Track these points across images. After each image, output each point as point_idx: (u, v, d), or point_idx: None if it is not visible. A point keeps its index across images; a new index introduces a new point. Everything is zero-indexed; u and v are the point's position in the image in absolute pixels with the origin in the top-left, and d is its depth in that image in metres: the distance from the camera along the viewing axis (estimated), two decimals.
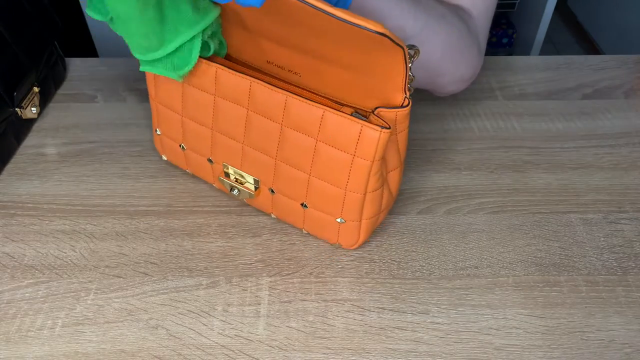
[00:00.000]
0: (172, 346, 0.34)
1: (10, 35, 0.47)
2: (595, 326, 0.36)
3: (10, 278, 0.38)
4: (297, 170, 0.36)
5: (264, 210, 0.41)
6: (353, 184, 0.34)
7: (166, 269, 0.39)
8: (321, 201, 0.36)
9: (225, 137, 0.38)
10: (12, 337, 0.35)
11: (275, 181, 0.38)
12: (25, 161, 0.48)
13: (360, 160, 0.33)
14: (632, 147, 0.49)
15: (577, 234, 0.42)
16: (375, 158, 0.33)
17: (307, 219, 0.39)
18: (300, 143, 0.35)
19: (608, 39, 1.63)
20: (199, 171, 0.43)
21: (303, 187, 0.36)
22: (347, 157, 0.34)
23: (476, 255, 0.40)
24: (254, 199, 0.40)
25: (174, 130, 0.41)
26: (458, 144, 0.49)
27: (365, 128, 0.32)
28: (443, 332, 0.35)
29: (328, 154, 0.34)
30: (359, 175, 0.34)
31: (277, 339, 0.35)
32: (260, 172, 0.38)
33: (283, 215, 0.40)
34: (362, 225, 0.37)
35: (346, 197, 0.35)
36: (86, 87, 0.55)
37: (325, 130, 0.34)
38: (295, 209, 0.38)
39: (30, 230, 0.42)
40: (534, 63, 0.59)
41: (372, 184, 0.35)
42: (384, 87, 0.33)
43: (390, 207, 0.41)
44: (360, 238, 0.38)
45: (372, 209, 0.37)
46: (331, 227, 0.38)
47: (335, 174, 0.35)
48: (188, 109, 0.39)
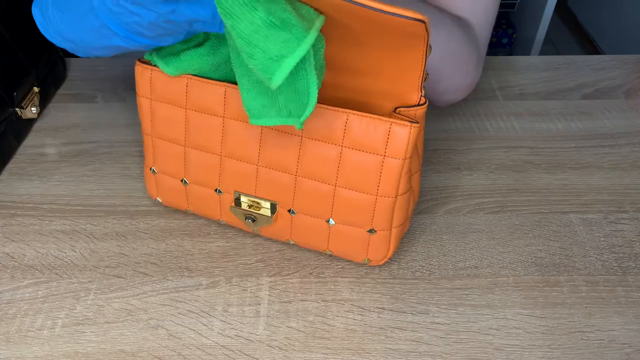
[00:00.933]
0: (172, 346, 0.34)
1: (10, 35, 0.47)
2: (595, 326, 0.36)
3: (10, 278, 0.38)
4: (321, 183, 0.34)
5: (280, 238, 0.39)
6: (385, 187, 0.33)
7: (166, 269, 0.39)
8: (349, 213, 0.35)
9: (236, 162, 0.36)
10: (12, 337, 0.35)
11: (295, 200, 0.35)
12: (25, 161, 0.48)
13: (392, 160, 0.32)
14: (632, 147, 0.49)
15: (577, 234, 0.42)
16: (407, 155, 0.32)
17: (332, 237, 0.37)
18: (323, 153, 0.33)
19: (608, 39, 1.63)
20: (203, 208, 0.39)
21: (328, 201, 0.35)
22: (377, 158, 0.32)
23: (476, 255, 0.40)
24: (271, 226, 0.38)
25: (174, 165, 0.38)
26: (458, 144, 0.49)
27: (394, 125, 0.31)
28: (443, 332, 0.35)
29: (355, 159, 0.33)
30: (390, 177, 0.33)
31: (277, 339, 0.35)
32: (278, 193, 0.36)
33: (304, 239, 0.38)
34: (392, 234, 0.36)
35: (377, 203, 0.34)
36: (86, 87, 0.55)
37: (351, 135, 0.32)
38: (318, 229, 0.36)
39: (30, 230, 0.42)
40: (534, 63, 0.59)
41: (403, 185, 0.33)
42: (399, 88, 0.32)
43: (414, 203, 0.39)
44: (390, 249, 0.37)
45: (401, 214, 0.35)
46: (360, 241, 0.36)
47: (364, 180, 0.33)
48: (192, 137, 0.36)
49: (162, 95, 0.36)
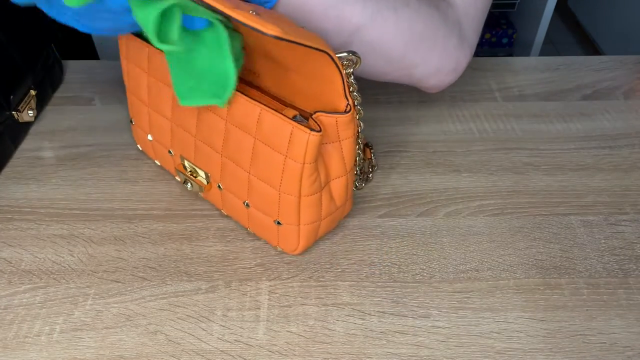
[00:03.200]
0: (171, 352, 0.34)
1: (6, 38, 0.47)
2: (597, 329, 0.35)
3: (7, 283, 0.38)
4: (239, 168, 0.36)
5: (216, 205, 0.41)
6: (286, 185, 0.34)
7: (165, 274, 0.39)
8: (260, 201, 0.36)
9: (181, 130, 0.39)
10: (9, 344, 0.35)
11: (222, 178, 0.38)
12: (22, 165, 0.47)
13: (291, 161, 0.33)
14: (632, 149, 0.49)
15: (578, 236, 0.41)
16: (305, 160, 0.33)
17: (250, 219, 0.39)
18: (242, 140, 0.35)
19: (608, 39, 1.63)
20: (164, 162, 0.44)
21: (245, 185, 0.37)
22: (280, 157, 0.34)
23: (477, 258, 0.40)
24: (207, 194, 0.41)
25: (143, 121, 0.43)
26: (457, 146, 0.49)
27: (295, 129, 0.32)
28: (444, 336, 0.35)
29: (264, 153, 0.34)
30: (291, 177, 0.34)
31: (277, 343, 0.35)
32: (210, 167, 0.38)
33: (231, 213, 0.40)
34: (300, 230, 0.37)
35: (281, 198, 0.35)
36: (83, 89, 0.55)
37: (262, 129, 0.34)
38: (240, 208, 0.39)
39: (27, 235, 0.41)
40: (533, 64, 0.59)
41: (306, 187, 0.34)
42: (325, 93, 0.33)
43: (340, 218, 0.40)
44: (300, 244, 0.38)
45: (309, 214, 0.36)
46: (271, 229, 0.38)
47: (270, 174, 0.35)
48: (152, 100, 0.40)
49: (133, 59, 0.40)
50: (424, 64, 0.41)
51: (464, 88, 0.56)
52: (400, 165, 0.47)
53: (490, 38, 1.58)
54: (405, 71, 0.41)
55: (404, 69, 0.41)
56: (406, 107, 0.53)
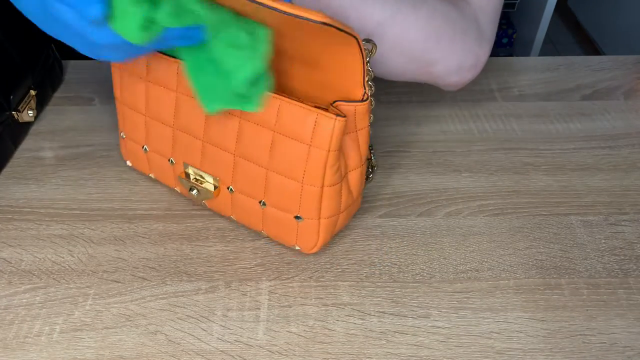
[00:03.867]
0: (171, 352, 0.34)
1: (6, 38, 0.47)
2: (597, 329, 0.35)
3: (7, 284, 0.38)
4: (255, 165, 0.36)
5: (223, 213, 0.40)
6: (310, 176, 0.34)
7: (165, 274, 0.39)
8: (279, 197, 0.36)
9: (185, 135, 0.38)
10: (9, 344, 0.35)
11: (234, 179, 0.37)
12: (22, 165, 0.47)
13: (316, 150, 0.33)
14: (632, 148, 0.49)
15: (578, 236, 0.41)
16: (331, 147, 0.33)
17: (266, 219, 0.38)
18: (258, 136, 0.35)
19: (608, 39, 1.63)
20: (161, 174, 0.42)
21: (261, 183, 0.36)
22: (304, 147, 0.33)
23: (477, 258, 0.40)
24: (214, 200, 0.40)
25: (138, 132, 0.41)
26: (457, 146, 0.49)
27: (320, 116, 0.32)
28: (444, 336, 0.35)
29: (285, 145, 0.34)
30: (315, 167, 0.34)
31: (277, 344, 0.35)
32: (219, 170, 0.38)
33: (242, 217, 0.39)
34: (320, 224, 0.36)
35: (303, 191, 0.35)
36: (83, 89, 0.55)
37: (282, 122, 0.33)
38: (253, 209, 0.38)
39: (27, 235, 0.41)
40: (533, 64, 0.59)
41: (329, 177, 0.34)
42: (343, 82, 0.33)
43: (353, 212, 0.40)
44: (319, 240, 0.37)
45: (330, 206, 0.36)
46: (289, 226, 0.37)
47: (292, 167, 0.34)
48: (151, 108, 0.39)
49: (128, 67, 0.39)
50: (444, 61, 0.41)
51: (464, 88, 0.56)
52: (400, 165, 0.47)
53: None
54: (425, 69, 0.41)
55: (424, 67, 0.41)
56: (406, 107, 0.53)
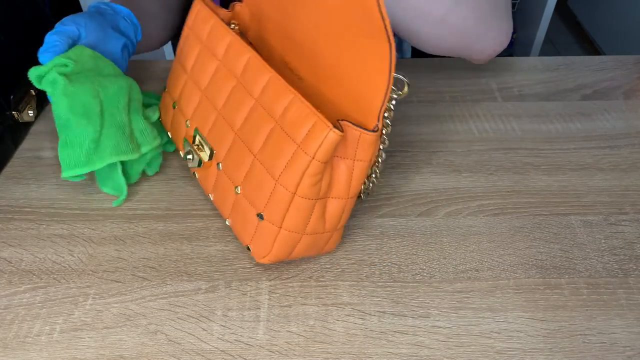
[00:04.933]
0: (171, 351, 0.34)
1: (6, 38, 0.47)
2: (597, 329, 0.35)
3: (7, 283, 0.38)
4: (247, 150, 0.36)
5: (205, 190, 0.41)
6: (286, 176, 0.33)
7: (165, 274, 0.39)
8: (253, 188, 0.35)
9: (208, 103, 0.39)
10: (9, 344, 0.35)
11: (226, 157, 0.38)
12: (22, 165, 0.47)
13: (302, 152, 0.32)
14: (632, 148, 0.49)
15: (578, 236, 0.41)
16: (316, 156, 0.32)
17: (234, 208, 0.37)
18: (262, 123, 0.35)
19: (608, 39, 1.63)
20: (175, 134, 0.44)
21: (245, 169, 0.36)
22: (292, 146, 0.33)
23: (477, 258, 0.40)
24: (202, 172, 0.40)
25: (176, 89, 0.44)
26: (457, 146, 0.49)
27: (319, 122, 0.32)
28: (444, 336, 0.35)
29: (279, 139, 0.34)
30: (294, 169, 0.33)
31: (277, 343, 0.35)
32: (219, 144, 0.38)
33: (218, 199, 0.39)
34: (279, 234, 0.35)
35: (275, 189, 0.34)
36: None
37: (287, 116, 0.33)
38: (229, 193, 0.38)
39: (27, 235, 0.41)
40: (533, 64, 0.59)
41: (304, 186, 0.33)
42: (359, 104, 0.33)
43: (322, 248, 0.38)
44: (272, 250, 0.35)
45: (295, 218, 0.34)
46: (250, 223, 0.36)
47: (275, 162, 0.34)
48: (195, 70, 0.41)
49: (195, 28, 0.42)
50: (485, 36, 0.42)
51: (464, 88, 0.56)
52: (400, 165, 0.47)
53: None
54: (471, 45, 0.42)
55: (471, 43, 0.42)
56: (406, 107, 0.53)
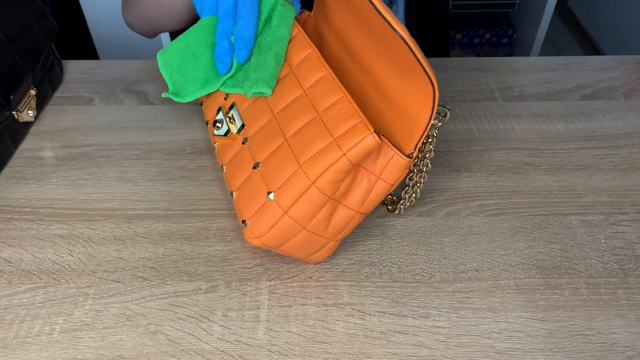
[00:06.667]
0: (171, 352, 0.34)
1: (7, 38, 0.47)
2: (597, 329, 0.35)
3: (7, 283, 0.38)
4: (280, 132, 0.36)
5: (220, 158, 0.40)
6: (311, 165, 0.33)
7: (165, 274, 0.39)
8: (272, 167, 0.35)
9: None
10: (9, 344, 0.35)
11: (256, 134, 0.38)
12: (22, 165, 0.47)
13: (335, 147, 0.32)
14: (632, 148, 0.49)
15: (578, 236, 0.41)
16: (348, 154, 0.32)
17: (246, 182, 0.37)
18: (303, 112, 0.35)
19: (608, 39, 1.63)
20: (211, 101, 0.43)
21: (270, 148, 0.36)
22: (328, 139, 0.33)
23: (477, 258, 0.40)
24: (225, 140, 0.40)
25: None
26: (457, 146, 0.49)
27: (361, 124, 0.32)
28: (444, 336, 0.35)
29: (316, 129, 0.34)
30: (321, 160, 0.33)
31: (277, 343, 0.35)
32: (254, 119, 0.38)
33: (230, 171, 0.39)
34: (282, 219, 0.34)
35: (295, 173, 0.34)
36: (83, 89, 0.55)
37: (331, 111, 0.34)
38: (245, 167, 0.37)
39: (27, 235, 0.41)
40: (533, 64, 0.59)
41: (325, 179, 0.33)
42: (402, 126, 0.33)
43: (315, 250, 0.37)
44: (269, 233, 0.34)
45: (303, 208, 0.34)
46: (256, 199, 0.35)
47: (305, 148, 0.34)
48: None
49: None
50: None
51: (464, 88, 0.56)
52: None
53: (490, 38, 1.58)
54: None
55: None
56: None
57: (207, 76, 0.42)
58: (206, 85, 0.41)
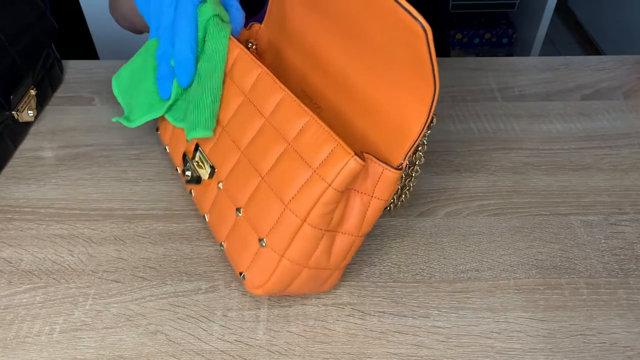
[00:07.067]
0: (171, 352, 0.34)
1: (7, 38, 0.47)
2: (597, 329, 0.35)
3: (7, 283, 0.38)
4: (254, 171, 0.34)
5: (201, 210, 0.39)
6: (297, 202, 0.31)
7: (165, 274, 0.39)
8: (257, 212, 0.33)
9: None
10: (9, 344, 0.35)
11: (228, 176, 0.35)
12: (22, 165, 0.47)
13: (317, 178, 0.30)
14: (632, 148, 0.49)
15: (578, 236, 0.41)
16: (333, 184, 0.30)
17: (233, 231, 0.35)
18: (272, 144, 0.33)
19: (608, 39, 1.63)
20: (174, 149, 0.41)
21: (249, 190, 0.34)
22: (307, 171, 0.31)
23: (477, 258, 0.40)
24: (200, 190, 0.38)
25: None
26: (457, 146, 0.49)
27: (338, 147, 0.30)
28: (444, 336, 0.35)
29: (291, 162, 0.32)
30: (307, 195, 0.31)
31: (277, 344, 0.35)
32: (222, 162, 0.36)
33: (214, 220, 0.37)
34: (280, 264, 0.32)
35: (283, 215, 0.32)
36: (83, 89, 0.55)
37: (302, 139, 0.31)
38: (228, 215, 0.35)
39: (27, 235, 0.41)
40: (533, 64, 0.59)
41: (316, 214, 0.31)
42: (388, 139, 0.31)
43: (319, 285, 0.35)
44: (269, 281, 0.33)
45: (299, 249, 0.32)
46: (249, 248, 0.33)
47: (285, 186, 0.32)
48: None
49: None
50: None
51: (464, 88, 0.56)
52: None
53: (490, 38, 1.58)
54: None
55: None
56: None
57: (152, 101, 0.39)
58: (151, 110, 0.39)
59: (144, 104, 0.39)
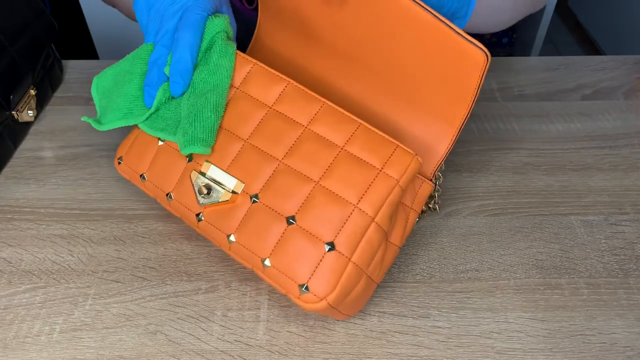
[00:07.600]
0: (171, 352, 0.34)
1: (6, 38, 0.47)
2: (597, 329, 0.35)
3: (7, 283, 0.38)
4: (303, 177, 0.33)
5: (222, 229, 0.34)
6: (367, 200, 0.31)
7: (165, 274, 0.39)
8: (318, 216, 0.32)
9: (226, 132, 0.35)
10: (9, 344, 0.35)
11: (266, 187, 0.33)
12: (22, 165, 0.47)
13: (385, 176, 0.32)
14: (632, 148, 0.49)
15: (578, 236, 0.41)
16: (400, 181, 0.32)
17: (283, 242, 0.32)
18: (318, 151, 0.33)
19: (608, 39, 1.63)
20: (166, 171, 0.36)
21: (299, 197, 0.32)
22: (373, 171, 0.32)
23: (477, 258, 0.40)
24: (217, 210, 0.34)
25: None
26: (458, 146, 0.49)
27: (399, 149, 0.32)
28: (444, 336, 0.35)
29: (350, 165, 0.32)
30: (377, 192, 0.31)
31: (277, 344, 0.35)
32: (253, 175, 0.34)
33: (250, 236, 0.33)
34: (347, 267, 0.31)
35: (352, 215, 0.31)
36: (83, 89, 0.55)
37: (355, 144, 0.33)
38: (272, 226, 0.32)
39: (27, 235, 0.41)
40: (533, 64, 0.59)
41: (384, 212, 0.32)
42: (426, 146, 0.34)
43: (361, 301, 0.34)
44: (337, 288, 0.31)
45: (364, 249, 0.31)
46: (311, 256, 0.31)
47: (350, 187, 0.32)
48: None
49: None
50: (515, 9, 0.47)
51: None
52: None
53: (490, 38, 1.58)
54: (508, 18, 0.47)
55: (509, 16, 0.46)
56: None
57: (132, 107, 0.37)
58: (128, 116, 0.37)
59: (121, 108, 0.37)
